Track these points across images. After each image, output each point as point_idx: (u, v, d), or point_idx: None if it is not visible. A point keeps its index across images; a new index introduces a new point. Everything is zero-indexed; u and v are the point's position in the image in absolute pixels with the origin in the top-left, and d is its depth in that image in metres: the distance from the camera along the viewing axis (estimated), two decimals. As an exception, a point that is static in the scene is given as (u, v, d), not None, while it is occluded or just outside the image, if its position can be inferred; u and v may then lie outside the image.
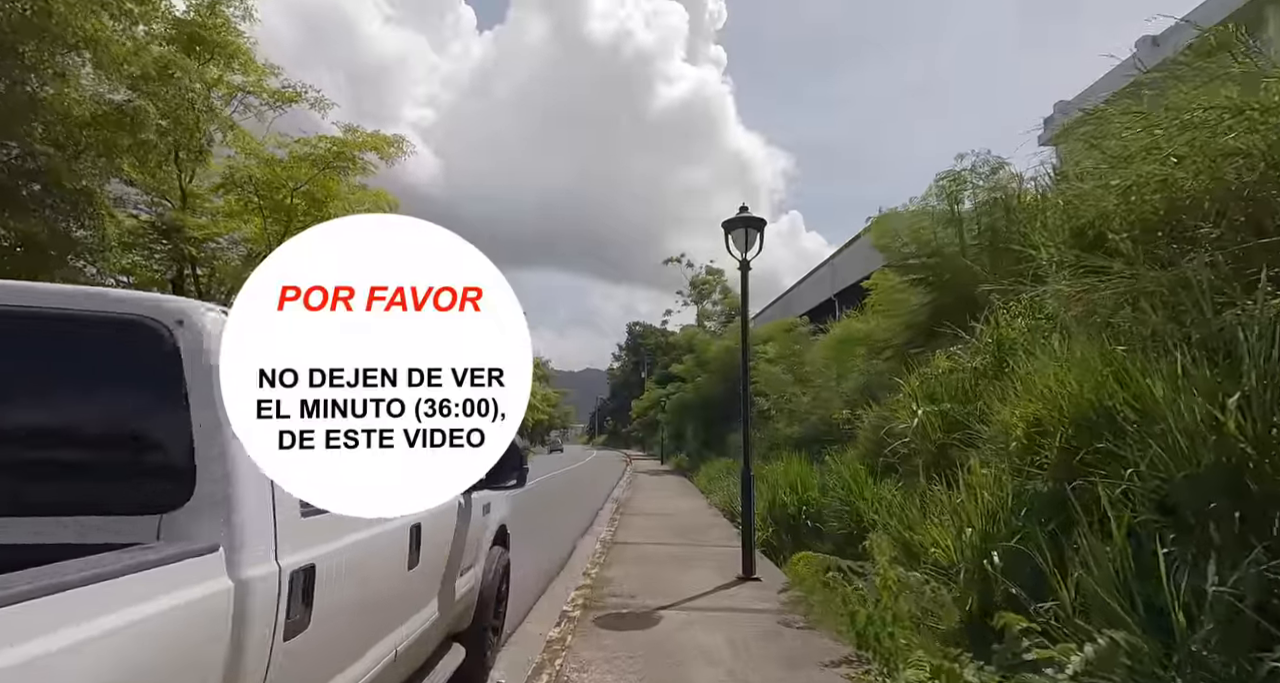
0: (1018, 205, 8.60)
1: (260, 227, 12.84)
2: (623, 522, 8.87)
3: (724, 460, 17.07)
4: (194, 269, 13.31)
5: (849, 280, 24.29)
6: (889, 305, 12.26)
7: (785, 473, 8.42)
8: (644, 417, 47.00)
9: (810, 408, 12.46)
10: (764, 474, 9.99)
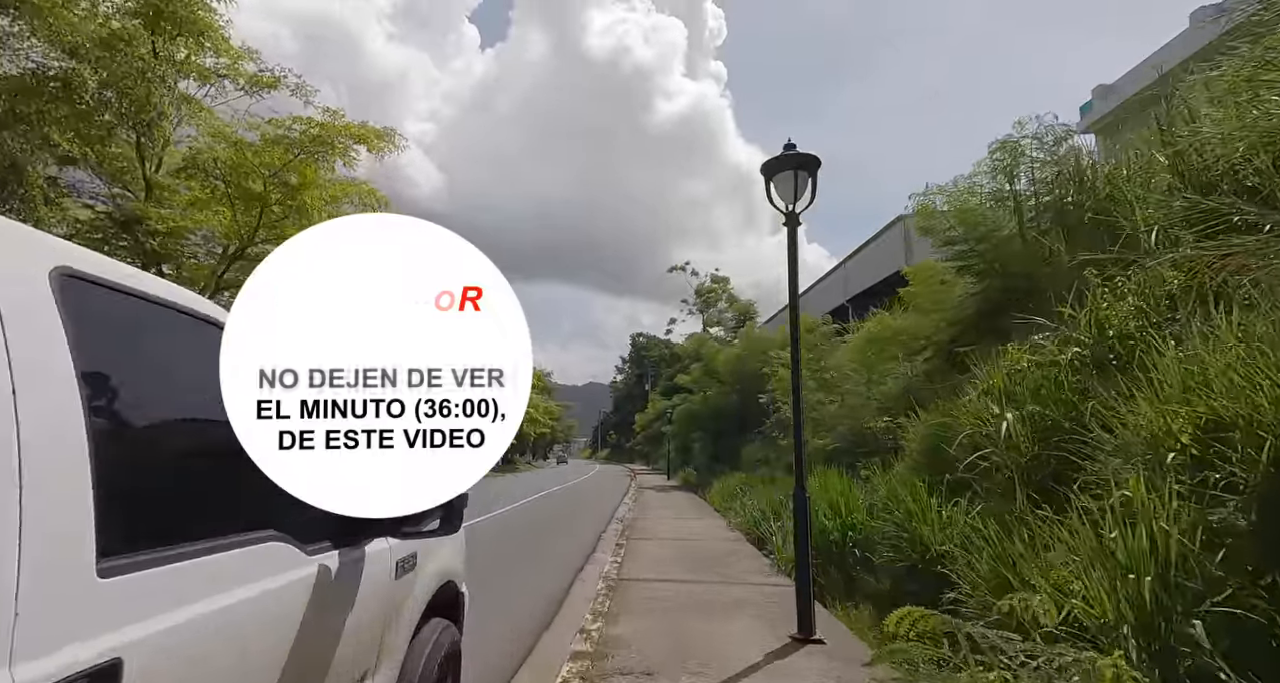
0: (1097, 176, 7.35)
1: (230, 218, 11.72)
2: (630, 548, 7.54)
3: (739, 475, 15.73)
4: (159, 268, 12.17)
5: (863, 285, 23.09)
6: (929, 299, 11.00)
7: (823, 491, 7.12)
8: (648, 429, 45.65)
9: (837, 416, 11.14)
10: (790, 492, 8.67)
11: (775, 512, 8.02)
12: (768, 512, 8.20)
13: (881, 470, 7.82)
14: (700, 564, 6.44)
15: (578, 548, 8.20)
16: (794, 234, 4.15)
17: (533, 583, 5.74)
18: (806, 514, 4.09)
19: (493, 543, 8.69)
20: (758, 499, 9.90)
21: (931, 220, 9.14)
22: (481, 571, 6.17)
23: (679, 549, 7.44)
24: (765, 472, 14.21)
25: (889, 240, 21.58)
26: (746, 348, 20.02)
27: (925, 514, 5.92)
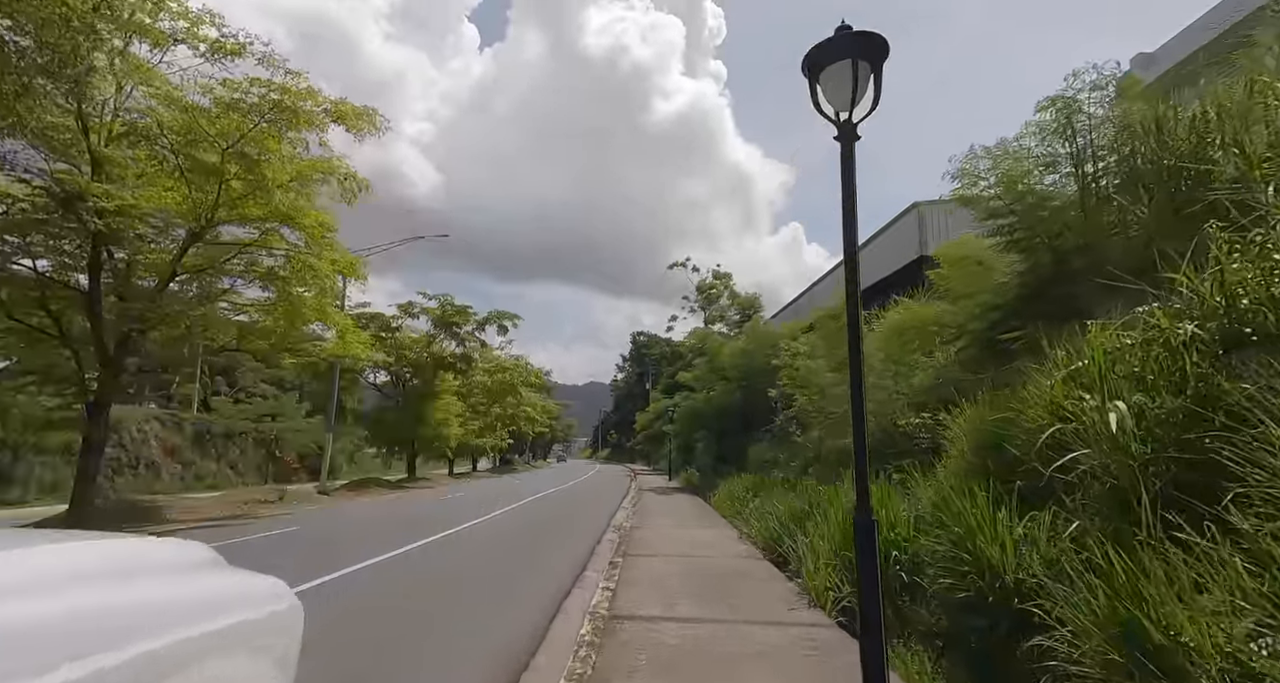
0: (1182, 123, 6.18)
1: (184, 195, 10.57)
2: (627, 566, 6.40)
3: (746, 477, 14.58)
4: (108, 251, 11.03)
5: (875, 277, 21.90)
6: (962, 283, 9.80)
7: (851, 500, 5.99)
8: (649, 429, 44.53)
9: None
10: (815, 500, 7.54)
11: (798, 522, 6.88)
12: (788, 522, 7.06)
13: (921, 475, 6.67)
14: (712, 591, 5.29)
15: (566, 566, 7.05)
16: (851, 151, 3.01)
17: (498, 624, 4.59)
18: (875, 550, 2.94)
19: (467, 559, 7.57)
20: (772, 505, 8.74)
21: (973, 188, 7.97)
22: (440, 600, 5.10)
23: (685, 568, 6.29)
24: (776, 474, 13.09)
25: (902, 229, 20.39)
26: (753, 342, 18.85)
27: (991, 531, 4.76)
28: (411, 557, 7.57)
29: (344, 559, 7.20)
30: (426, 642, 4.14)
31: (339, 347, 14.12)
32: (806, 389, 11.85)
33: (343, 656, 3.82)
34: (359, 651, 3.93)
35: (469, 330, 29.54)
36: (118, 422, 25.58)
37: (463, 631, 4.42)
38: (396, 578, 6.21)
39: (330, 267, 12.01)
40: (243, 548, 8.34)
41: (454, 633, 4.37)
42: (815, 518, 6.55)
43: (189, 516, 13.06)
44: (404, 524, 11.63)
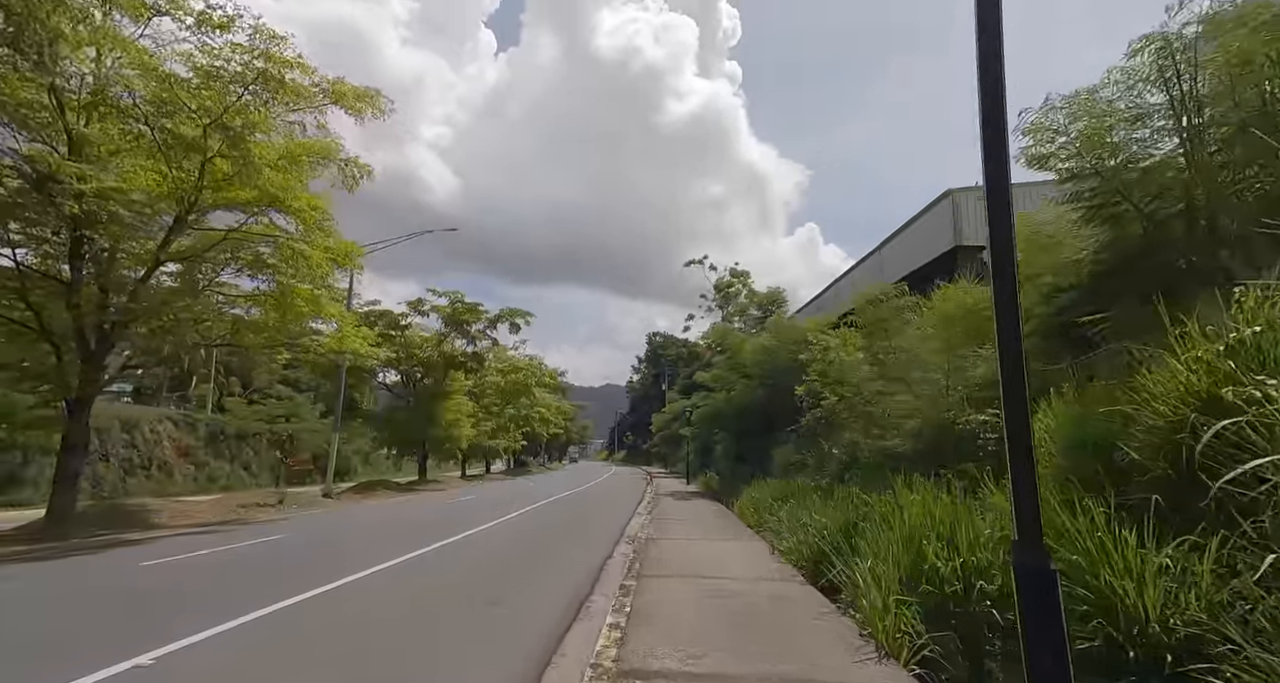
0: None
1: (166, 175, 9.77)
2: (641, 590, 5.35)
3: (772, 482, 13.44)
4: (87, 238, 10.28)
5: (904, 269, 20.54)
6: (1024, 264, 8.57)
7: (918, 514, 4.89)
8: (665, 431, 43.44)
9: (907, 411, 8.82)
10: (863, 511, 6.42)
11: (846, 538, 5.76)
12: (836, 537, 5.95)
13: (994, 482, 5.55)
14: (749, 630, 4.22)
15: (570, 588, 6.02)
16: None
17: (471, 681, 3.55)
18: (1059, 611, 1.85)
19: (456, 578, 6.59)
20: (809, 516, 7.62)
21: (1049, 145, 6.80)
22: (404, 639, 3.96)
23: (710, 595, 5.23)
24: (804, 478, 11.95)
25: (935, 217, 19.07)
26: (777, 337, 17.69)
27: (1119, 561, 3.64)
28: (389, 576, 6.59)
29: (311, 578, 6.26)
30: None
31: (337, 342, 13.29)
32: (841, 386, 10.70)
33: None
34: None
35: (480, 328, 28.74)
36: (131, 422, 25.28)
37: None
38: (361, 607, 5.22)
39: (323, 254, 11.16)
40: (204, 562, 7.48)
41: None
42: (867, 535, 5.45)
43: (178, 521, 12.31)
44: (397, 533, 10.72)
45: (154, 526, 11.58)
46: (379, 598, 5.54)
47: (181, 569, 6.99)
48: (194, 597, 5.68)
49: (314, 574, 6.41)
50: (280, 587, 5.80)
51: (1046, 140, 6.69)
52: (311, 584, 5.90)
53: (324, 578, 6.18)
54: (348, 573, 6.47)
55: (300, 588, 5.75)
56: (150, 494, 23.70)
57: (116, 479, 24.10)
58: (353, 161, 13.69)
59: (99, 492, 21.95)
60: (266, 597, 5.38)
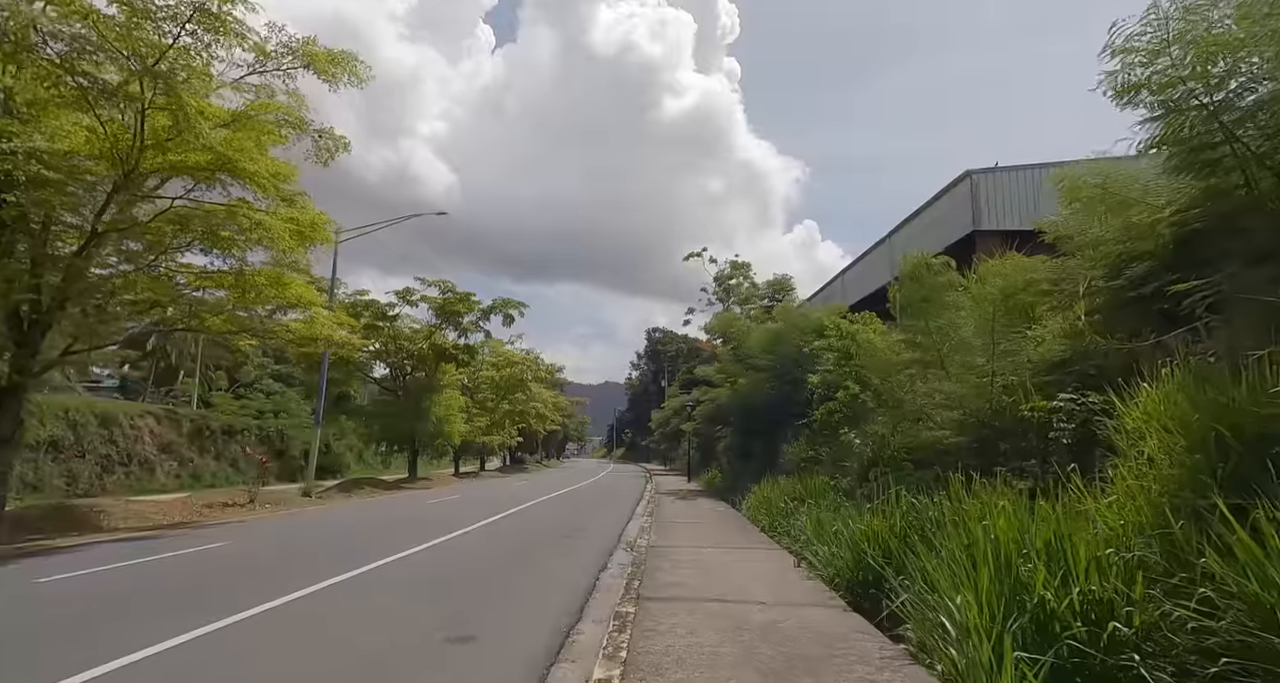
0: None
1: (96, 132, 8.52)
2: (642, 625, 4.16)
3: (784, 481, 12.26)
4: (5, 204, 8.97)
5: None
6: (1085, 226, 7.40)
7: (1005, 526, 3.69)
8: (665, 427, 42.28)
9: (950, 399, 7.62)
10: (912, 520, 5.23)
11: (899, 551, 4.56)
12: (890, 545, 4.75)
13: (1089, 490, 4.35)
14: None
15: (549, 619, 4.82)
16: None
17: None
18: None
19: (422, 597, 5.41)
20: (842, 524, 6.42)
21: (1145, 69, 5.57)
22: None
23: (732, 630, 4.03)
24: (820, 475, 10.78)
25: (952, 200, 17.84)
26: (786, 325, 16.49)
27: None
28: (328, 599, 5.36)
29: (220, 603, 5.06)
30: None
31: (308, 328, 12.06)
32: (868, 372, 9.51)
33: None
34: None
35: (472, 320, 27.48)
36: (109, 417, 24.06)
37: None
38: (271, 652, 4.01)
39: (286, 225, 9.92)
40: (104, 579, 6.26)
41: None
42: (920, 549, 4.26)
43: (127, 523, 11.10)
44: (365, 538, 9.52)
45: (97, 529, 10.38)
46: (302, 636, 4.33)
47: (71, 588, 5.78)
48: (46, 632, 4.42)
49: (225, 598, 5.20)
50: (163, 619, 4.58)
51: (1144, 61, 5.46)
52: (213, 614, 4.67)
53: (233, 604, 4.95)
54: (272, 596, 5.26)
55: (194, 620, 4.52)
56: (130, 492, 22.55)
57: (93, 477, 22.88)
58: (327, 133, 12.44)
59: (73, 490, 20.81)
60: (136, 637, 4.15)
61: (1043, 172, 16.75)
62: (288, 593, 5.35)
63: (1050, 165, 16.94)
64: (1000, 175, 17.02)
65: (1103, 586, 3.09)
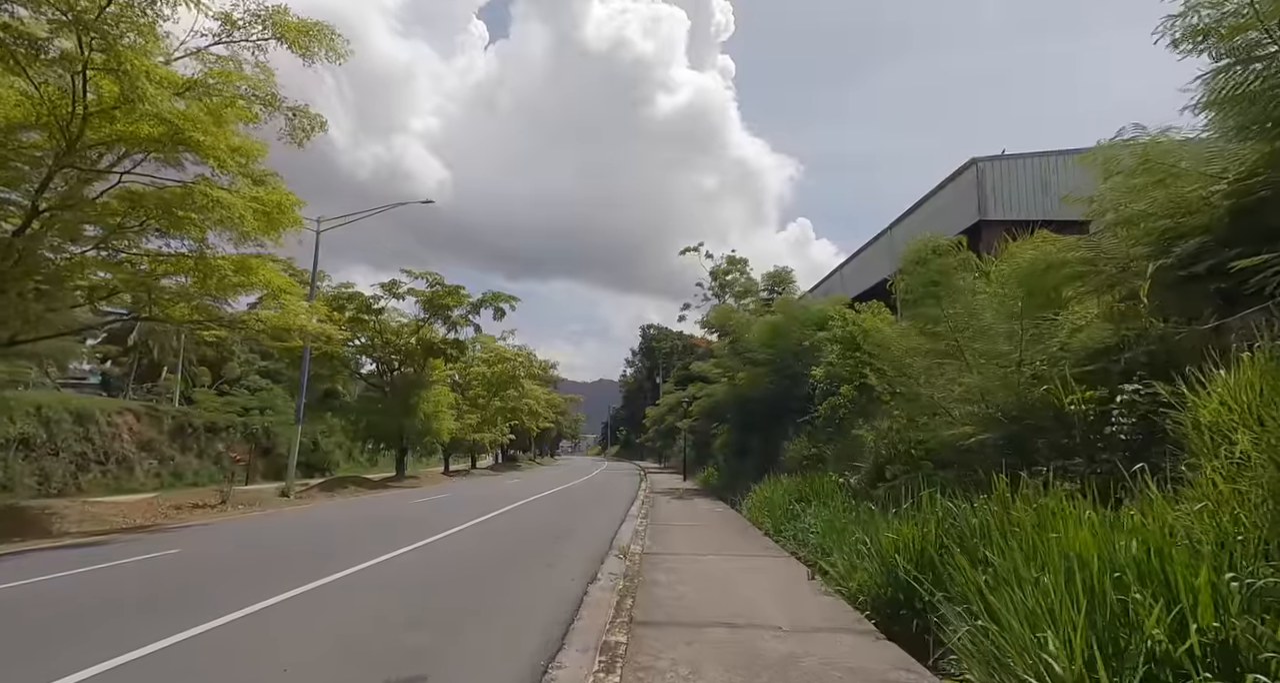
0: None
1: (29, 97, 7.68)
2: (634, 666, 3.45)
3: (786, 480, 11.59)
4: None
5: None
6: (1124, 200, 6.74)
7: (1084, 540, 3.00)
8: (660, 424, 41.60)
9: (973, 391, 6.93)
10: (938, 526, 4.53)
11: (942, 565, 3.86)
12: (926, 563, 4.04)
13: (1161, 494, 3.68)
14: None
15: (526, 649, 4.10)
16: None
17: None
18: None
19: (383, 616, 4.69)
20: (862, 531, 5.73)
21: (1220, 6, 4.91)
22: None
23: (745, 668, 3.33)
24: (824, 473, 10.12)
25: (958, 189, 17.18)
26: (787, 317, 15.81)
27: None
28: (259, 625, 4.59)
29: (137, 629, 4.32)
30: None
31: (279, 318, 11.25)
32: (879, 362, 8.82)
33: None
34: None
35: (462, 313, 26.65)
36: (85, 414, 23.14)
37: None
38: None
39: (247, 204, 9.12)
40: (25, 595, 5.51)
41: None
42: (978, 564, 3.58)
43: (82, 527, 10.29)
44: (332, 544, 8.73)
45: (44, 534, 9.57)
46: (216, 678, 3.60)
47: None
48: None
49: (141, 624, 4.44)
50: (50, 654, 3.84)
51: (1212, 3, 4.77)
52: (114, 646, 3.91)
53: (145, 632, 4.17)
54: (200, 619, 4.49)
55: (91, 655, 3.78)
56: (106, 491, 21.68)
57: (67, 475, 21.97)
58: (301, 111, 11.63)
59: (45, 489, 19.96)
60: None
61: (1054, 160, 16.14)
62: (218, 616, 4.58)
63: (1059, 153, 16.33)
64: (1007, 163, 16.35)
65: (1227, 623, 2.40)
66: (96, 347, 41.32)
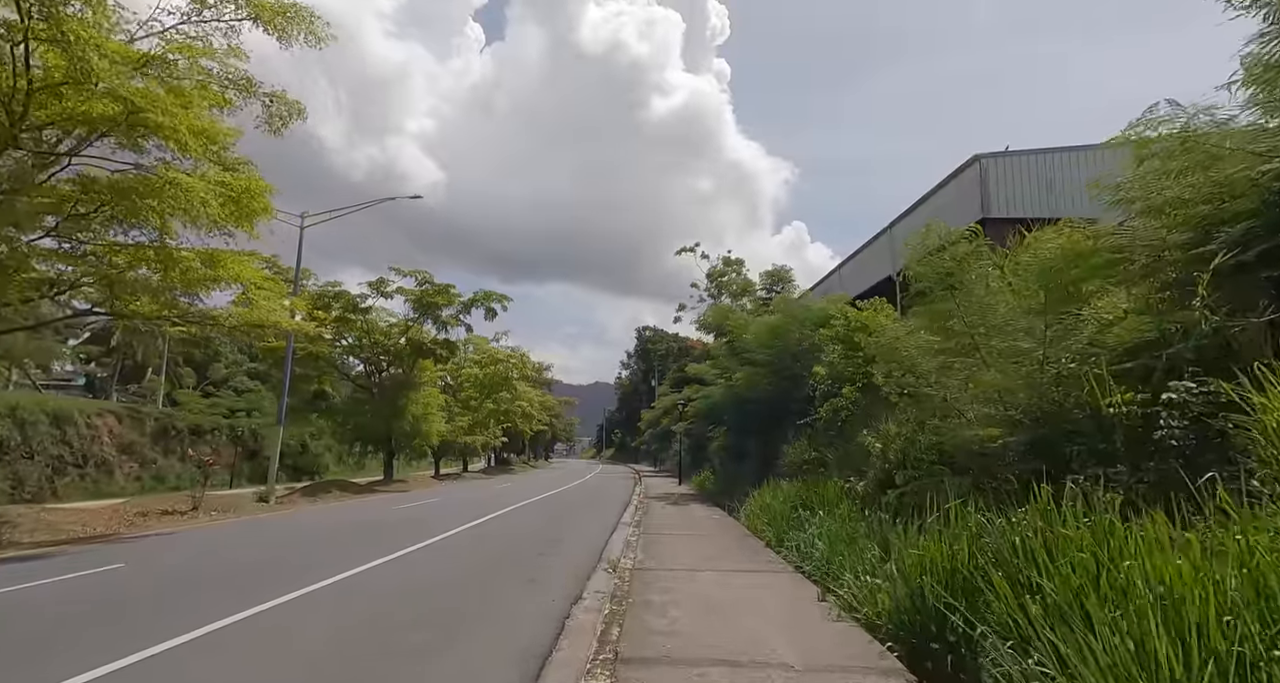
0: None
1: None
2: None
3: (786, 485, 11.03)
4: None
5: (915, 253, 18.21)
6: (1158, 187, 6.26)
7: (1185, 574, 2.44)
8: (655, 427, 41.00)
9: (991, 393, 6.39)
10: (975, 543, 3.95)
11: (982, 590, 3.28)
12: (958, 586, 3.45)
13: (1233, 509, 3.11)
14: None
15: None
16: None
17: None
18: None
19: (319, 652, 4.08)
20: (900, 554, 5.15)
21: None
22: None
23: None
24: (827, 478, 9.57)
25: (960, 187, 16.70)
26: (785, 318, 15.27)
27: None
28: (158, 675, 3.99)
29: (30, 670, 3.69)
30: None
31: (250, 314, 10.60)
32: (885, 361, 8.27)
33: None
34: None
35: (452, 313, 25.99)
36: (62, 416, 22.36)
37: None
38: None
39: (211, 189, 8.48)
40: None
41: None
42: (1023, 587, 3.02)
43: (33, 537, 9.59)
44: (291, 559, 8.01)
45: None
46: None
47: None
48: None
49: (37, 667, 3.82)
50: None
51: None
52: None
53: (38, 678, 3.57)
54: (112, 655, 3.88)
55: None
56: (85, 495, 20.93)
57: (43, 479, 21.17)
58: (279, 97, 11.03)
59: (19, 494, 19.19)
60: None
61: (1058, 156, 15.68)
62: (121, 655, 3.92)
63: (1064, 150, 15.86)
64: (1011, 160, 15.90)
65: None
66: (78, 347, 40.46)
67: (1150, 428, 4.59)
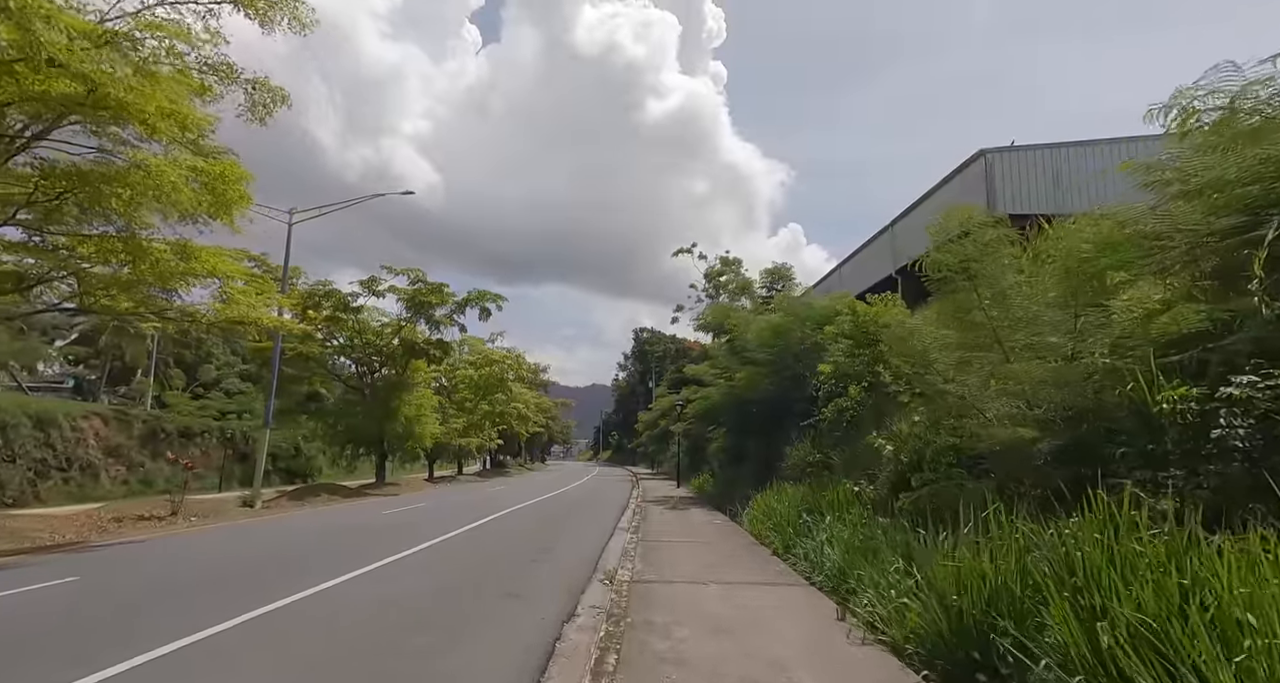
0: None
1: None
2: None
3: (790, 489, 10.56)
4: None
5: (917, 250, 17.85)
6: (1200, 169, 5.79)
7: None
8: (653, 428, 40.50)
9: (1016, 389, 5.91)
10: (1020, 559, 3.47)
11: (1036, 611, 2.81)
12: (1004, 607, 2.99)
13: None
14: None
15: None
16: None
17: None
18: None
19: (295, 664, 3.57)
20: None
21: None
22: None
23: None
24: (831, 480, 9.10)
25: (964, 183, 16.30)
26: (787, 317, 14.80)
27: None
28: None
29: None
30: None
31: (229, 310, 10.08)
32: (896, 357, 7.81)
33: None
34: None
35: (446, 313, 25.46)
36: (46, 418, 21.75)
37: None
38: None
39: (182, 174, 7.98)
40: None
41: None
42: (1084, 610, 2.56)
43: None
44: (263, 571, 7.44)
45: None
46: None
47: None
48: None
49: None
50: None
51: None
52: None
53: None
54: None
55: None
56: (69, 499, 20.34)
57: (24, 483, 20.52)
58: (261, 83, 10.54)
59: (0, 499, 18.59)
60: None
61: (1066, 151, 15.29)
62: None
63: (1072, 145, 15.46)
64: (1017, 154, 15.51)
65: None
66: (65, 348, 39.75)
67: (1207, 427, 4.12)
